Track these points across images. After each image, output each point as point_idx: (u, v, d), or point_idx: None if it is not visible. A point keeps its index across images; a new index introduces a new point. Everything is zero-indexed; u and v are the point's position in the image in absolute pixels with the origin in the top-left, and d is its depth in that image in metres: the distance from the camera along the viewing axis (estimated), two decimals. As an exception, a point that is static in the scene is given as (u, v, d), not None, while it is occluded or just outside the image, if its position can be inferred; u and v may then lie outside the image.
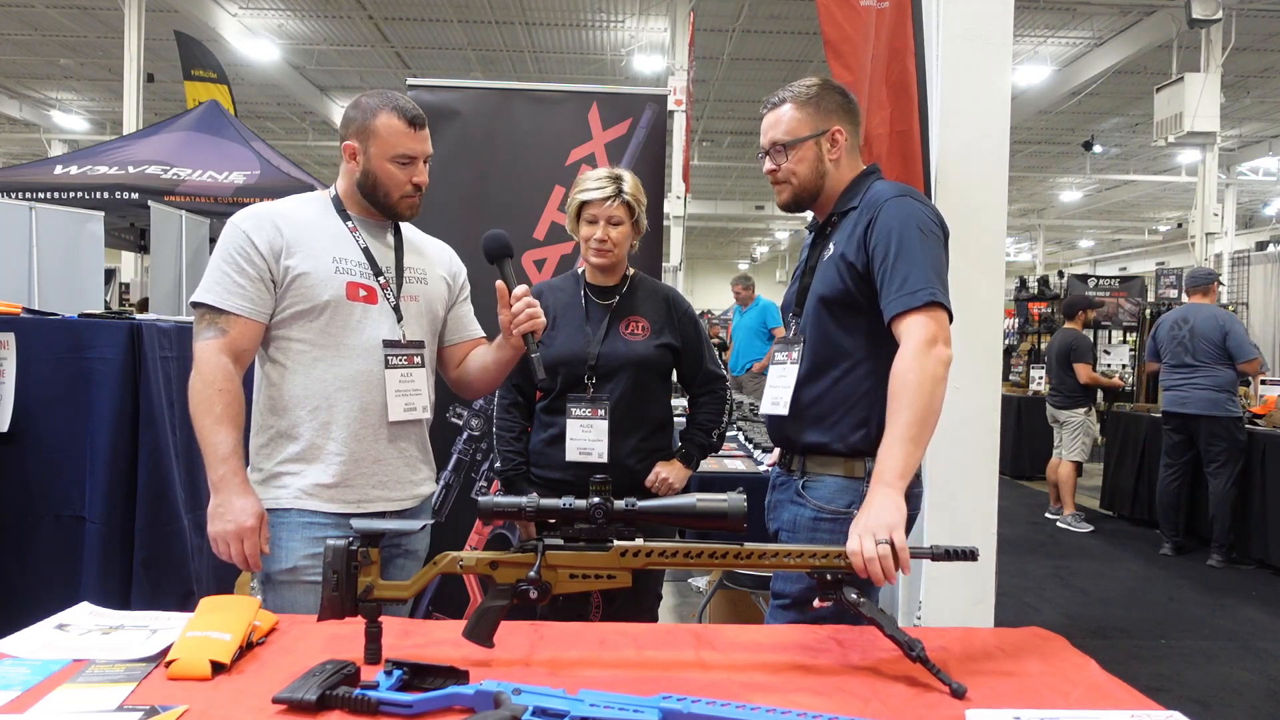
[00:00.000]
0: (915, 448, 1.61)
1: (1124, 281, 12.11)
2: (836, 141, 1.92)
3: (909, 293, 1.72)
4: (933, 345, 1.67)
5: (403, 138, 1.93)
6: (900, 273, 1.74)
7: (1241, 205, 19.60)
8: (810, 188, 1.94)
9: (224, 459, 1.82)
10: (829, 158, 1.92)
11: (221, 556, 1.84)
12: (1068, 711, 1.19)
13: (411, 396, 2.00)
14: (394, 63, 13.83)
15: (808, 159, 1.92)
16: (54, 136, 17.62)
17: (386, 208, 1.99)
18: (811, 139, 1.91)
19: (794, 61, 13.01)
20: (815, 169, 1.92)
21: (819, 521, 1.86)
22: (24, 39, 13.01)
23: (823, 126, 1.91)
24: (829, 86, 1.95)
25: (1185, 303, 6.45)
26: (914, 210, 1.81)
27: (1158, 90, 10.67)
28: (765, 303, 8.95)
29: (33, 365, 2.59)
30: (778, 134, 1.93)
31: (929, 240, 1.79)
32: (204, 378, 1.85)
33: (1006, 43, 2.82)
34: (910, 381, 1.64)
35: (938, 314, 1.71)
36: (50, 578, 2.58)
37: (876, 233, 1.80)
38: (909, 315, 1.71)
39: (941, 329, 1.71)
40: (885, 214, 1.81)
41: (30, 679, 1.22)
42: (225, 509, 1.81)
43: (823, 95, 1.92)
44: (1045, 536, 6.81)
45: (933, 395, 1.64)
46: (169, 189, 6.72)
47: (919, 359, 1.66)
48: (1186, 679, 3.96)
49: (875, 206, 1.84)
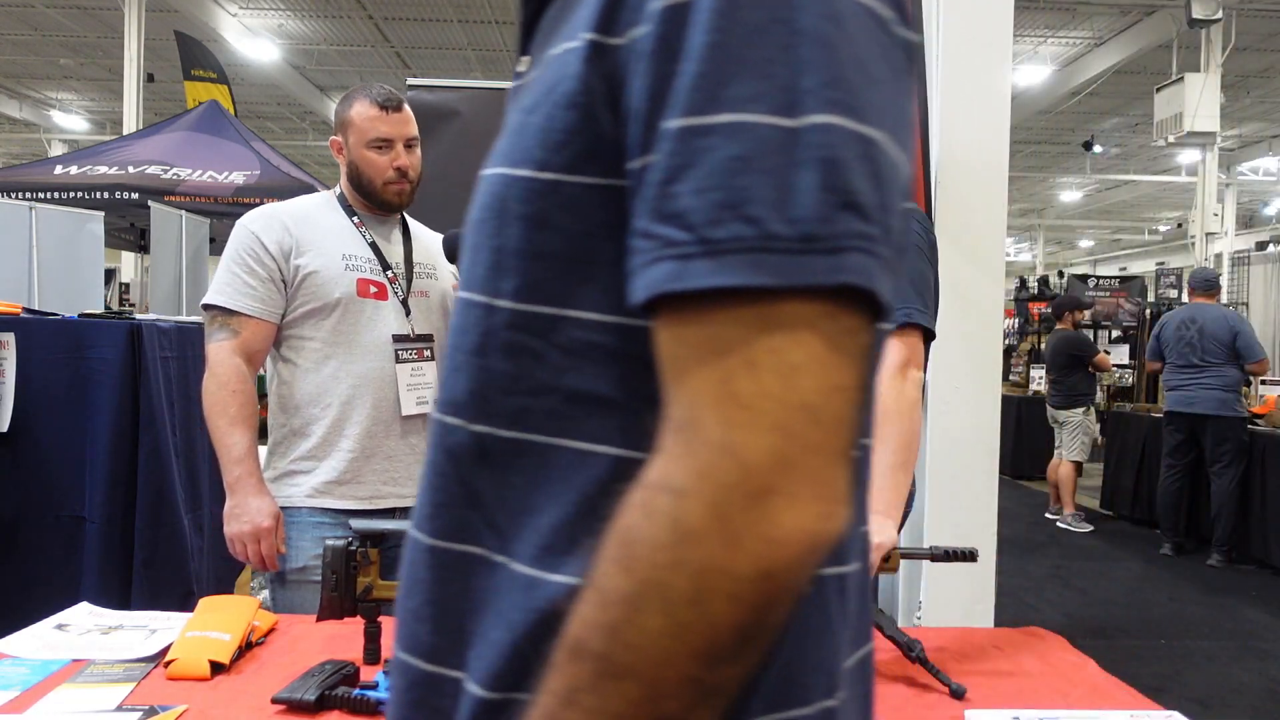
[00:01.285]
0: (903, 474, 1.63)
1: (1124, 281, 12.11)
2: None
3: None
4: (905, 369, 1.67)
5: (374, 121, 1.95)
6: None
7: (1241, 205, 19.58)
8: None
9: (239, 460, 1.83)
10: None
11: (239, 557, 1.85)
12: (1067, 711, 1.19)
13: (423, 390, 2.02)
14: (394, 63, 13.83)
15: None
16: (54, 136, 17.61)
17: (373, 196, 2.00)
18: None
19: (794, 61, 12.96)
20: None
21: None
22: (24, 39, 13.00)
23: None
24: None
25: (1187, 303, 6.45)
26: None
27: (1158, 90, 10.67)
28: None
29: (33, 365, 2.59)
30: None
31: (908, 255, 1.77)
32: (218, 379, 1.86)
33: (1006, 43, 2.82)
34: (888, 409, 1.64)
35: (909, 337, 1.70)
36: (50, 578, 2.58)
37: None
38: None
39: (913, 353, 1.69)
40: None
41: (30, 679, 1.22)
42: (242, 510, 1.83)
43: None
44: (1045, 536, 6.80)
45: (911, 419, 1.65)
46: (169, 189, 6.71)
47: (892, 385, 1.65)
48: (1186, 679, 3.95)
49: None
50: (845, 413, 0.44)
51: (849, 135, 0.44)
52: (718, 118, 0.44)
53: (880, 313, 0.45)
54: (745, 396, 0.42)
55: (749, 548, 0.41)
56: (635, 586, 0.42)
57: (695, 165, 0.44)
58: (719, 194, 0.43)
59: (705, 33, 0.44)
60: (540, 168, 0.52)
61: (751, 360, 0.42)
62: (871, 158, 0.45)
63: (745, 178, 0.43)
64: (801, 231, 0.43)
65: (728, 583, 0.41)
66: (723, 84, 0.44)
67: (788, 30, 0.44)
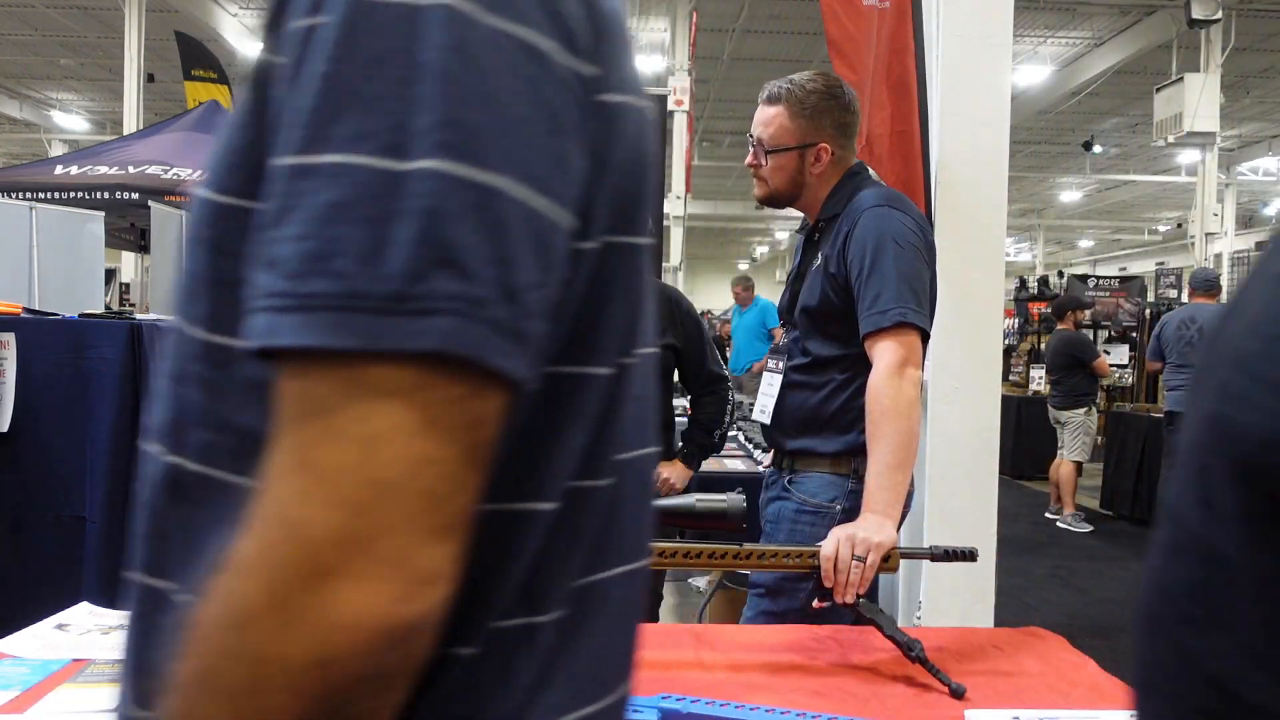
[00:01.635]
0: (902, 474, 1.62)
1: (1124, 281, 12.11)
2: (820, 158, 1.87)
3: (879, 312, 1.69)
4: (902, 368, 1.66)
5: None
6: (873, 289, 1.71)
7: (1241, 205, 19.59)
8: (785, 193, 1.91)
9: None
10: (811, 171, 1.88)
11: None
12: (1067, 711, 1.19)
13: None
14: (394, 63, 13.82)
15: (787, 168, 1.88)
16: (54, 136, 17.62)
17: None
18: (795, 150, 1.87)
19: (794, 61, 13.00)
20: (793, 179, 1.89)
21: (800, 514, 1.86)
22: (24, 39, 13.01)
23: (810, 140, 1.86)
24: (828, 97, 1.87)
25: (1187, 303, 6.46)
26: (891, 222, 1.76)
27: (1158, 90, 10.68)
28: (765, 303, 8.96)
29: (33, 365, 2.59)
30: (764, 134, 1.89)
31: (904, 254, 1.73)
32: None
33: (1006, 43, 2.82)
34: (887, 408, 1.63)
35: (907, 336, 1.68)
36: (50, 578, 2.58)
37: (853, 245, 1.77)
38: (879, 337, 1.69)
39: (911, 351, 1.68)
40: (861, 226, 1.77)
41: (30, 679, 1.22)
42: None
43: (819, 108, 1.86)
44: (1045, 536, 6.80)
45: (909, 418, 1.64)
46: (169, 189, 6.71)
47: (890, 383, 1.65)
48: (1186, 679, 3.95)
49: (855, 217, 1.80)
50: (438, 488, 0.40)
51: (459, 183, 0.40)
52: (323, 158, 0.40)
53: (499, 378, 0.41)
54: (322, 467, 0.39)
55: (304, 633, 0.38)
56: (197, 673, 0.39)
57: (296, 209, 0.40)
58: (312, 243, 0.39)
59: (323, 62, 0.41)
60: (220, 190, 0.48)
61: (334, 427, 0.39)
62: (488, 208, 0.40)
63: (339, 227, 0.39)
64: (389, 290, 0.39)
65: (281, 673, 0.38)
66: (332, 120, 0.40)
67: (407, 63, 0.40)
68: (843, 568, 1.40)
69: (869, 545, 1.42)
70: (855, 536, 1.43)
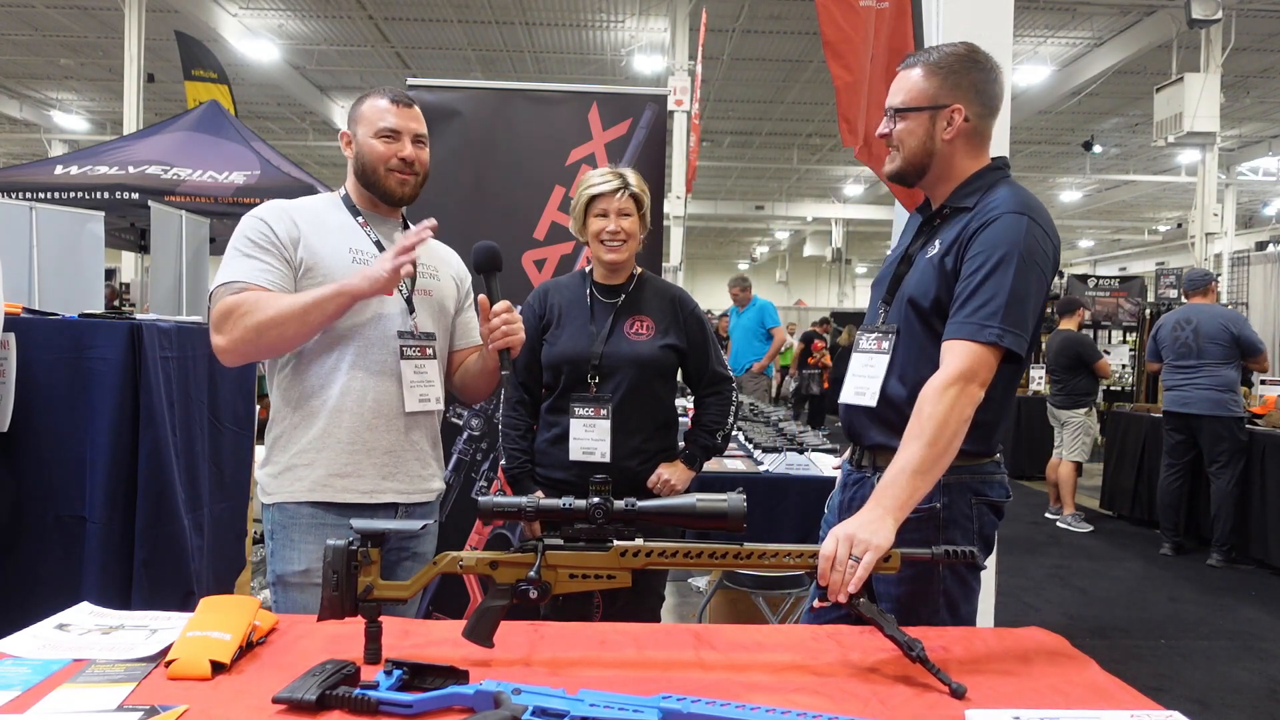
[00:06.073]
0: (924, 482, 1.56)
1: (1124, 281, 12.10)
2: (953, 121, 1.76)
3: (979, 322, 1.63)
4: (969, 382, 1.60)
5: (384, 113, 1.98)
6: (983, 294, 1.64)
7: (1241, 205, 19.59)
8: (916, 162, 1.79)
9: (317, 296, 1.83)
10: (942, 135, 1.77)
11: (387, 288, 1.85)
12: (1068, 711, 1.19)
13: (425, 388, 2.03)
14: (394, 63, 13.83)
15: (918, 132, 1.77)
16: (54, 136, 17.62)
17: (376, 185, 2.01)
18: (927, 110, 1.76)
19: (794, 61, 12.99)
20: (924, 144, 1.77)
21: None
22: (24, 39, 13.00)
23: (944, 101, 1.75)
24: (968, 60, 1.78)
25: (1185, 304, 6.46)
26: (1029, 234, 1.67)
27: (1158, 90, 10.67)
28: (762, 303, 8.95)
29: (33, 365, 2.59)
30: (896, 100, 1.79)
31: (1028, 272, 1.65)
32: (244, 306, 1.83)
33: (1006, 43, 2.82)
34: (938, 414, 1.58)
35: (990, 355, 1.62)
36: (50, 578, 2.58)
37: (978, 243, 1.68)
38: (965, 343, 1.63)
39: (986, 371, 1.62)
40: (996, 228, 1.67)
41: (30, 679, 1.22)
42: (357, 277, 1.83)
43: (958, 68, 1.76)
44: (1045, 536, 6.80)
45: (955, 434, 1.58)
46: (169, 189, 6.72)
47: (949, 392, 1.59)
48: (1186, 679, 3.95)
49: (989, 215, 1.70)
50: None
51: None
52: None
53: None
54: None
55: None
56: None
57: None
58: None
59: None
60: None
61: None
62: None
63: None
64: None
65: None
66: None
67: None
68: (838, 567, 1.39)
69: (866, 546, 1.42)
70: (855, 536, 1.43)
